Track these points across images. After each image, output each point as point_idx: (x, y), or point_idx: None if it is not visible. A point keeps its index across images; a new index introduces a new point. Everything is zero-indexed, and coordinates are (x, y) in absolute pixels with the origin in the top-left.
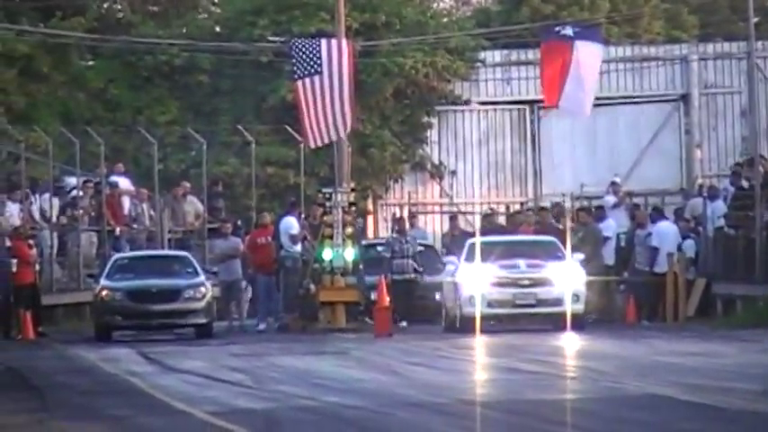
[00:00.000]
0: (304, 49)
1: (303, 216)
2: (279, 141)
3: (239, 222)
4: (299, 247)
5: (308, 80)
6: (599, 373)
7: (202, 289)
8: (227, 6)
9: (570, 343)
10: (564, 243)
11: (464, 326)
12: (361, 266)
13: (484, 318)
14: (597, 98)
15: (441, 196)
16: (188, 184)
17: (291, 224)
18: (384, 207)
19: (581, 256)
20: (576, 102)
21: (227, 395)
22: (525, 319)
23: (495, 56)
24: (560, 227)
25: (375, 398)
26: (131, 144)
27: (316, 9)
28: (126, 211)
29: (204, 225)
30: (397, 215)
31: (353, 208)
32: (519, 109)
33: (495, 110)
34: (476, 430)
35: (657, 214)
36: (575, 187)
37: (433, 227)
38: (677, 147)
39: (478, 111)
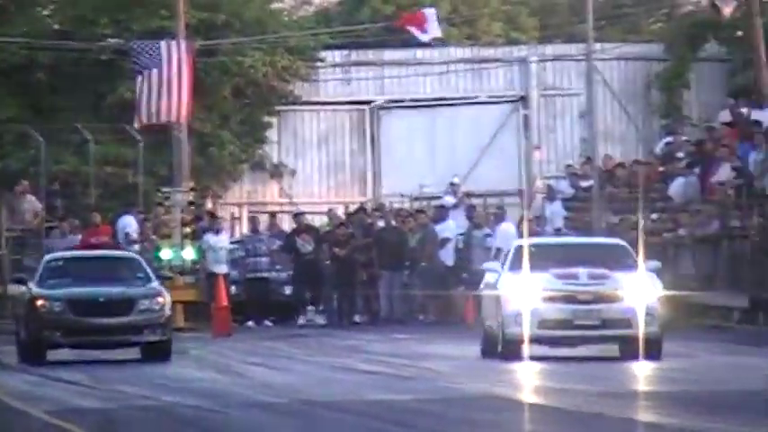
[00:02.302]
0: (144, 49)
1: (143, 216)
2: (118, 140)
3: (77, 222)
4: (137, 247)
5: (146, 72)
6: (437, 374)
7: (160, 299)
8: (68, 4)
9: (406, 344)
10: (405, 244)
11: (508, 349)
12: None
13: (533, 341)
14: (436, 99)
15: (280, 196)
16: (26, 183)
17: (129, 224)
18: (223, 207)
19: (657, 264)
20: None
21: (65, 394)
22: (585, 342)
23: (336, 56)
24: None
25: (213, 397)
26: None
27: (156, 7)
28: None
29: (42, 224)
30: (236, 215)
31: (192, 207)
32: (359, 109)
33: (336, 110)
34: (311, 430)
35: (500, 215)
36: (414, 187)
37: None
38: (516, 148)
39: (318, 111)
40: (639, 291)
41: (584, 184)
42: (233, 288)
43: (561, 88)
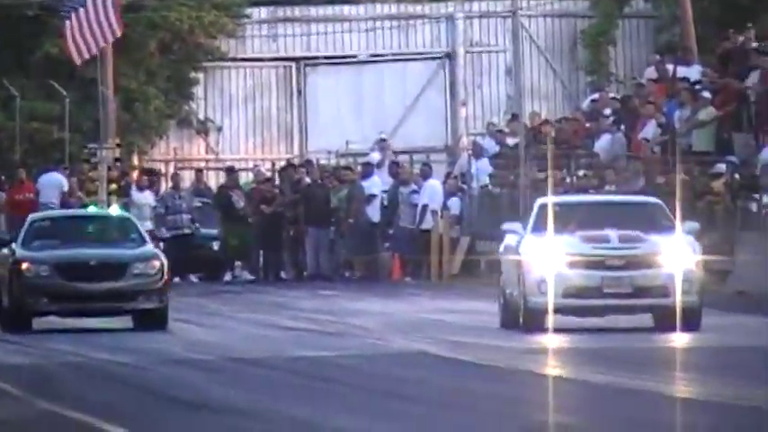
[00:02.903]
0: None
1: (68, 172)
2: (44, 96)
3: (2, 178)
4: (58, 200)
5: (73, 14)
6: (364, 330)
7: (155, 263)
8: None
9: (332, 301)
10: (329, 202)
11: (530, 320)
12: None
13: (558, 310)
14: (363, 55)
15: (207, 152)
16: None
17: (62, 182)
18: (149, 163)
19: (695, 225)
20: None
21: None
22: (615, 312)
23: (262, 12)
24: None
25: (141, 354)
26: None
27: None
28: None
29: None
30: (162, 171)
31: (118, 163)
32: (285, 66)
33: (262, 67)
34: (238, 386)
35: (427, 171)
36: (340, 144)
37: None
38: (443, 105)
39: (245, 67)
40: (676, 255)
41: (510, 141)
42: (161, 244)
43: (487, 45)
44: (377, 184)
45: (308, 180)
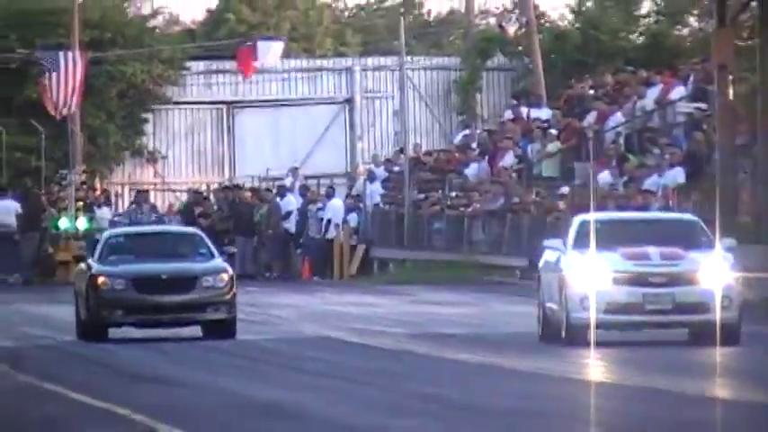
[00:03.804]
0: (48, 56)
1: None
2: (25, 132)
3: None
4: (13, 221)
5: (53, 74)
6: (281, 319)
7: (224, 276)
8: None
9: (256, 296)
10: (250, 218)
11: (572, 335)
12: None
13: (600, 326)
14: (280, 100)
15: (155, 177)
16: None
17: (15, 206)
18: (109, 186)
19: (732, 242)
20: None
21: None
22: (656, 327)
23: (200, 65)
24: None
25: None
26: None
27: (55, 26)
28: None
29: None
30: (119, 192)
31: (84, 186)
32: (218, 108)
33: (199, 109)
34: (178, 364)
35: (331, 192)
36: (262, 171)
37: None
38: (343, 139)
39: (185, 109)
40: (716, 272)
41: (396, 168)
42: None
43: (379, 92)
44: (291, 202)
45: (237, 199)
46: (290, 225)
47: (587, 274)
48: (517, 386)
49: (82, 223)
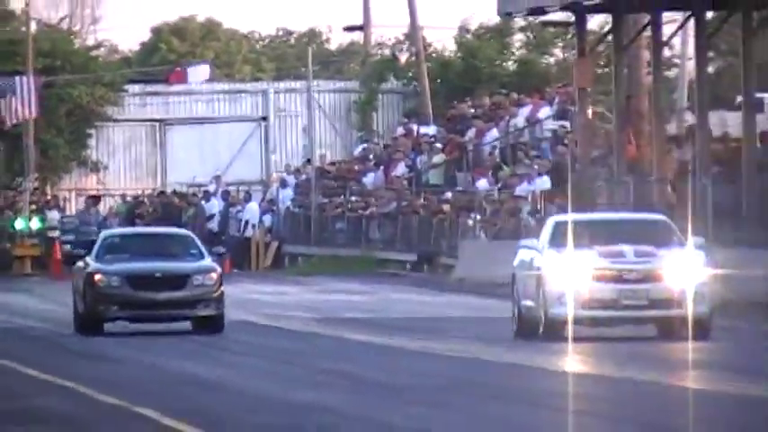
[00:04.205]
0: (6, 81)
1: None
2: None
3: None
4: None
5: (8, 95)
6: None
7: (213, 275)
8: None
9: None
10: (179, 219)
11: (551, 331)
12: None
13: (577, 321)
14: (204, 118)
15: (97, 184)
16: None
17: None
18: (58, 191)
19: (701, 240)
20: None
21: None
22: (632, 323)
23: (136, 88)
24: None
25: (52, 322)
26: None
27: (12, 55)
28: None
29: None
30: (66, 197)
31: (37, 191)
32: (152, 125)
33: (135, 126)
34: (117, 338)
35: (249, 197)
36: (189, 179)
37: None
38: (259, 152)
39: (124, 125)
40: (688, 269)
41: (304, 176)
42: (68, 246)
43: (290, 111)
44: (214, 205)
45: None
46: (214, 225)
47: (566, 271)
48: (410, 364)
49: (35, 223)
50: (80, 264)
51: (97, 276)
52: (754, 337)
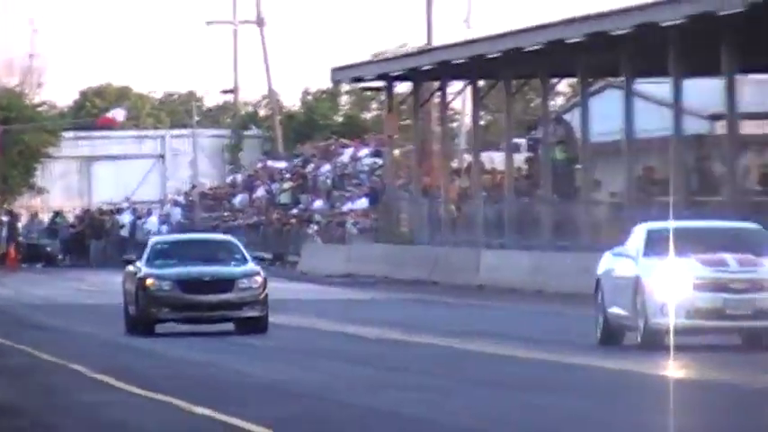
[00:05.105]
0: None
1: None
2: None
3: None
4: None
5: None
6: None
7: (258, 278)
8: None
9: (104, 277)
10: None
11: (650, 340)
12: None
13: (680, 332)
14: (119, 155)
15: (41, 203)
16: None
17: None
18: (13, 208)
19: None
20: None
21: None
22: (737, 333)
23: (70, 134)
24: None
25: (7, 300)
26: None
27: None
28: None
29: None
30: (20, 213)
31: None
32: (81, 161)
33: (71, 162)
34: (49, 319)
35: (149, 212)
36: (110, 200)
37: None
38: (158, 180)
39: (62, 161)
40: None
41: (191, 198)
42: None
43: (180, 151)
44: (126, 218)
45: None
46: (125, 232)
47: (668, 280)
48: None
49: None
50: (131, 269)
51: (149, 281)
52: None
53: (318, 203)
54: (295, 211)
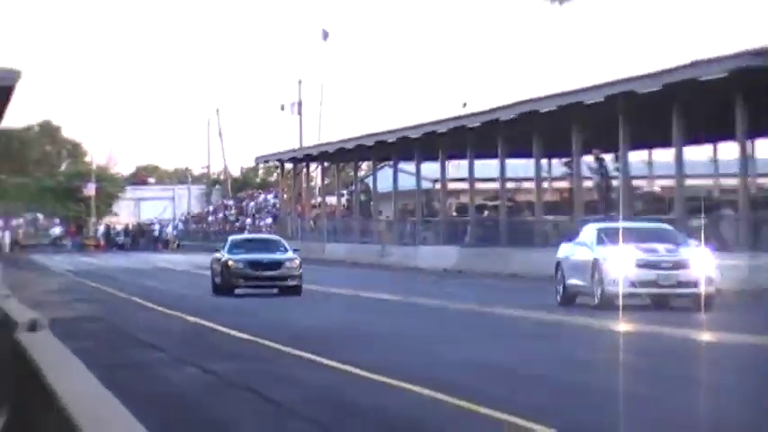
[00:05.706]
0: None
1: None
2: None
3: None
4: None
5: None
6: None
7: (296, 261)
8: None
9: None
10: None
11: (606, 303)
12: None
13: (627, 296)
14: None
15: None
16: None
17: None
18: None
19: (695, 242)
20: None
21: None
22: (665, 297)
23: None
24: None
25: None
26: None
27: None
28: None
29: None
30: None
31: None
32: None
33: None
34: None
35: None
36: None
37: None
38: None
39: None
40: (701, 260)
41: (187, 219)
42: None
43: (181, 195)
44: (156, 228)
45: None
46: (155, 234)
47: (618, 261)
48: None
49: None
50: (216, 254)
51: (230, 262)
52: None
53: (248, 221)
54: (237, 224)
